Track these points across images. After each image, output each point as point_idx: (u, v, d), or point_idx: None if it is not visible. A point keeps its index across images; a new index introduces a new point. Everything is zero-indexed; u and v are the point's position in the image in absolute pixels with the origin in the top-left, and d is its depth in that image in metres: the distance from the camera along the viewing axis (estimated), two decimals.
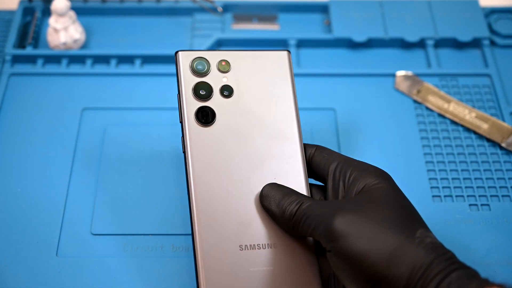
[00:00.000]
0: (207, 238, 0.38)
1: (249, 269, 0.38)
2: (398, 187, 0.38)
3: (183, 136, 0.41)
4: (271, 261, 0.39)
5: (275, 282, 0.38)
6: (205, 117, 0.41)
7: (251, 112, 0.42)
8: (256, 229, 0.39)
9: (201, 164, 0.40)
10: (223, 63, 0.43)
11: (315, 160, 0.41)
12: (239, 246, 0.39)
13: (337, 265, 0.36)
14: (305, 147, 0.42)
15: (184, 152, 0.40)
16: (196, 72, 0.42)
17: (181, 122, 0.41)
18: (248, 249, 0.39)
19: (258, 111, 0.42)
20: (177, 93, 0.42)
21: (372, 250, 0.34)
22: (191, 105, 0.41)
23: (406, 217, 0.36)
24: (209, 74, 0.42)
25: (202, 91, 0.42)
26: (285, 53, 0.44)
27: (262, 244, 0.39)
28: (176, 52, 0.42)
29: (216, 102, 0.42)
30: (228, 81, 0.42)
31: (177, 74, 0.42)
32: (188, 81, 0.42)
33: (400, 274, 0.33)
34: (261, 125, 0.42)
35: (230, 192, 0.40)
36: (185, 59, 0.42)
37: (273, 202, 0.39)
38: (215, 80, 0.42)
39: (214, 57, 0.43)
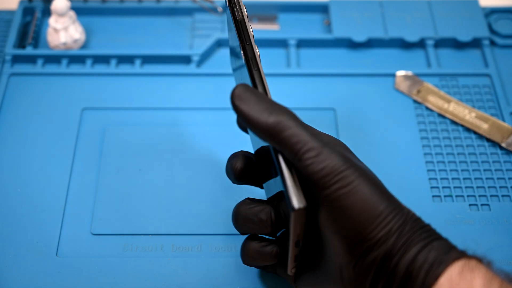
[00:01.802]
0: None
1: None
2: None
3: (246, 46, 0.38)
4: None
5: None
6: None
7: None
8: None
9: None
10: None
11: None
12: None
13: (327, 210, 0.35)
14: None
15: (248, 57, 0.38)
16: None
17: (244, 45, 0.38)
18: None
19: None
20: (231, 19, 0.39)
21: (365, 207, 0.35)
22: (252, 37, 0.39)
23: (390, 193, 0.37)
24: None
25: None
26: None
27: None
28: None
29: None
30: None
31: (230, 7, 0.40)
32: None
33: (387, 237, 0.34)
34: None
35: None
36: None
37: (252, 103, 0.35)
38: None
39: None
